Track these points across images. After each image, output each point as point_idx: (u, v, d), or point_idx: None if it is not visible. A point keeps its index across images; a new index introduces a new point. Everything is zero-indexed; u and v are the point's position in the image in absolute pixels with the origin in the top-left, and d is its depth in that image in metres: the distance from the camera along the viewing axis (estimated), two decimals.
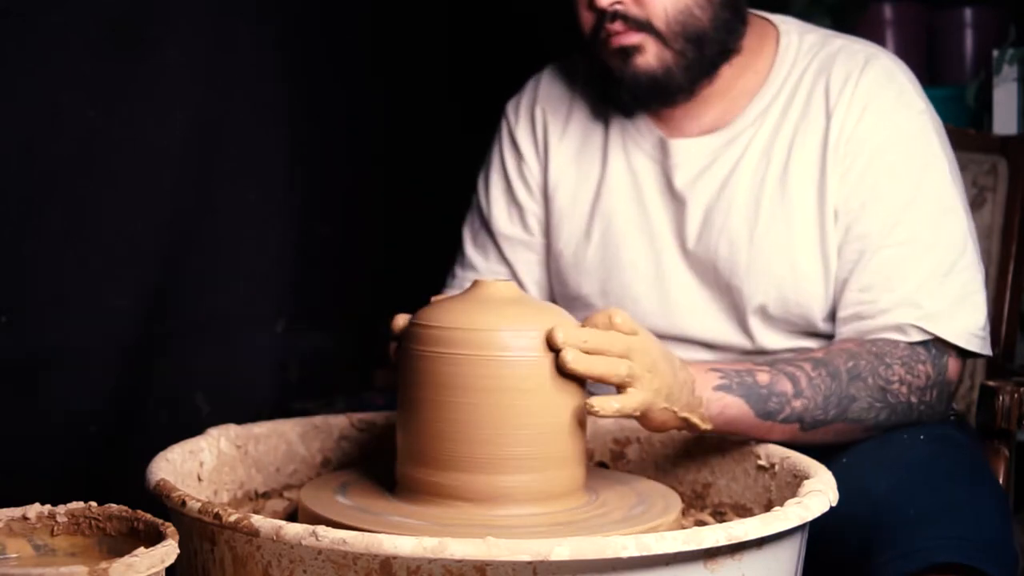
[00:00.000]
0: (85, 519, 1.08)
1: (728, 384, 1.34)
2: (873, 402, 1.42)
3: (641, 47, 1.53)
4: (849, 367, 1.41)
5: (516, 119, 1.75)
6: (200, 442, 1.37)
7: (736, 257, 1.56)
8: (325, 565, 1.04)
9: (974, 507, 1.33)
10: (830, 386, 1.39)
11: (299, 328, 2.37)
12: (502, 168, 1.75)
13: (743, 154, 1.58)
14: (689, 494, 1.45)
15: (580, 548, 1.01)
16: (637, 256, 1.62)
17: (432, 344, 1.24)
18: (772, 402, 1.37)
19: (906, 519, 1.29)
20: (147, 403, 2.07)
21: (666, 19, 1.52)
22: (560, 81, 1.74)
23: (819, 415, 1.39)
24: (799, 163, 1.55)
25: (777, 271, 1.54)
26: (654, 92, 1.56)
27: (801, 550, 1.20)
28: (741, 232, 1.56)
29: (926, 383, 1.47)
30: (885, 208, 1.52)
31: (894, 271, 1.50)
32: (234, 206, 2.18)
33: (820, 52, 1.60)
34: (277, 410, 2.09)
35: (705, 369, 1.35)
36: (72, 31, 1.86)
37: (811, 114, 1.56)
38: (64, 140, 1.88)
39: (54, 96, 1.86)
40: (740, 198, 1.56)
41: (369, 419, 1.53)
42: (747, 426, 1.37)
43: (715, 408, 1.34)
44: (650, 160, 1.63)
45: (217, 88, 2.12)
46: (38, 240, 1.85)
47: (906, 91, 1.56)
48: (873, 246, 1.51)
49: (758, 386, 1.36)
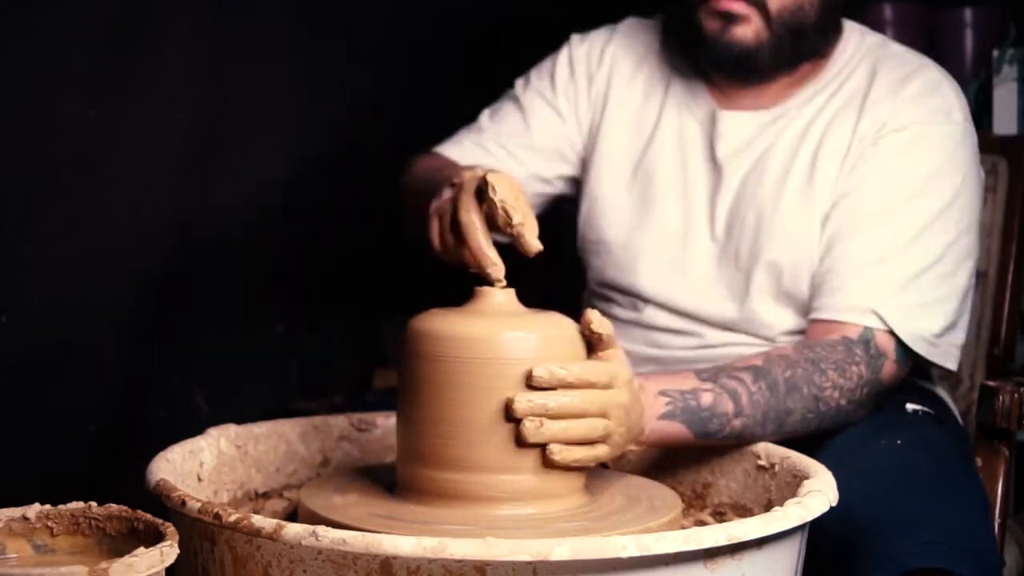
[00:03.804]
0: (85, 519, 1.08)
1: (673, 411, 1.35)
2: (806, 413, 1.43)
3: (746, 18, 1.57)
4: (787, 377, 1.42)
5: (580, 50, 1.78)
6: (200, 442, 1.37)
7: (761, 227, 1.60)
8: (325, 565, 1.04)
9: (951, 512, 1.32)
10: (768, 400, 1.40)
11: (299, 328, 2.37)
12: (551, 80, 1.77)
13: (783, 132, 1.63)
14: (689, 494, 1.45)
15: (580, 548, 1.01)
16: (669, 216, 1.67)
17: (433, 345, 1.24)
18: (713, 424, 1.38)
19: (880, 528, 1.30)
20: (147, 403, 2.07)
21: (781, 3, 1.57)
22: (638, 35, 1.78)
23: (757, 431, 1.41)
24: (828, 149, 1.60)
25: (795, 245, 1.58)
26: (738, 65, 1.61)
27: (801, 550, 1.20)
28: (767, 204, 1.61)
29: (857, 383, 1.48)
30: (871, 200, 1.55)
31: (860, 260, 1.53)
32: (234, 206, 2.18)
33: (875, 53, 1.66)
34: (277, 410, 2.09)
35: (654, 393, 1.34)
36: (72, 31, 1.86)
37: (851, 106, 1.61)
38: (64, 140, 1.88)
39: (54, 96, 1.85)
40: (772, 172, 1.62)
41: (369, 419, 1.53)
42: (683, 444, 1.39)
43: (655, 436, 1.35)
44: (699, 128, 1.68)
45: (217, 88, 2.12)
46: (38, 240, 1.85)
47: (947, 103, 1.59)
48: (846, 232, 1.55)
49: (700, 409, 1.37)
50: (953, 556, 1.26)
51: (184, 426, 1.46)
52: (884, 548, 1.27)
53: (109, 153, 1.94)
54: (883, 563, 1.26)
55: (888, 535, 1.28)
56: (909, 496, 1.34)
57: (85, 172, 1.91)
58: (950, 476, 1.41)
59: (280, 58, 2.25)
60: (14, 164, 1.81)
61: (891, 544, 1.27)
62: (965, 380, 1.93)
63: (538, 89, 1.78)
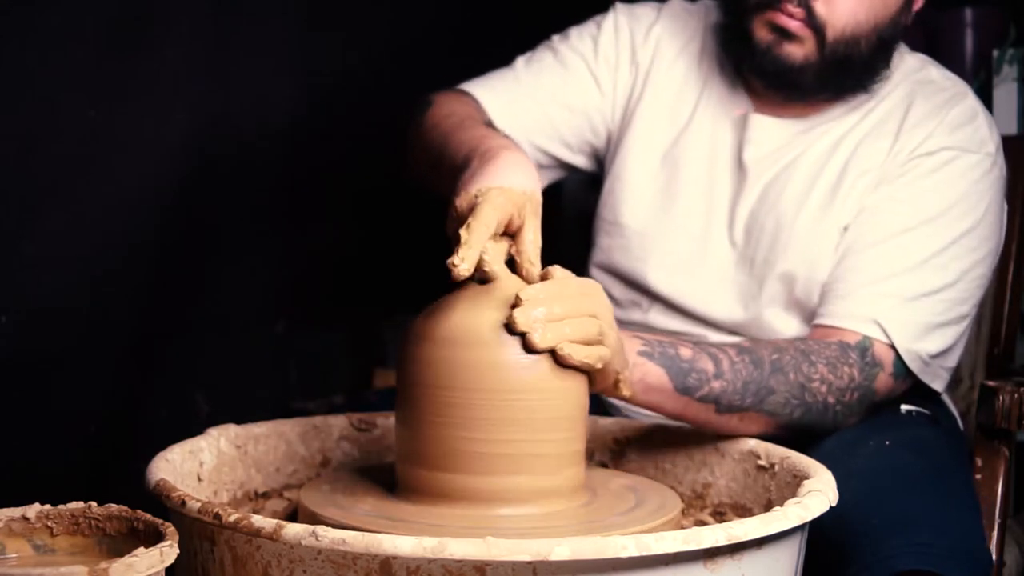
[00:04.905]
0: (85, 519, 1.08)
1: (650, 352, 1.34)
2: (790, 398, 1.42)
3: (801, 40, 1.56)
4: (773, 359, 1.41)
5: (627, 21, 1.75)
6: (200, 442, 1.37)
7: (779, 235, 1.60)
8: (325, 565, 1.04)
9: (942, 514, 1.32)
10: (751, 373, 1.39)
11: (299, 328, 2.37)
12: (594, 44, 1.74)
13: (813, 143, 1.63)
14: (689, 494, 1.45)
15: (580, 548, 1.01)
16: (691, 212, 1.66)
17: (432, 344, 1.24)
18: (692, 377, 1.36)
19: (870, 530, 1.29)
20: (147, 403, 2.07)
21: (839, 32, 1.56)
22: (683, 20, 1.76)
23: (736, 400, 1.39)
24: (857, 165, 1.59)
25: (811, 257, 1.58)
26: (780, 79, 1.60)
27: (801, 550, 1.20)
28: (788, 212, 1.60)
29: (848, 384, 1.46)
30: (891, 217, 1.55)
31: (870, 273, 1.53)
32: (234, 206, 2.18)
33: (914, 76, 1.65)
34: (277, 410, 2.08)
35: (628, 335, 1.34)
36: (72, 31, 1.86)
37: (886, 126, 1.61)
38: (64, 140, 1.88)
39: (54, 96, 1.85)
40: (796, 182, 1.61)
41: (369, 419, 1.53)
42: (664, 397, 1.36)
43: (637, 373, 1.33)
44: (731, 128, 1.67)
45: (217, 88, 2.12)
46: (38, 240, 1.85)
47: (980, 135, 1.59)
48: (860, 246, 1.55)
49: (680, 359, 1.36)
50: (943, 558, 1.26)
51: (184, 426, 1.46)
52: (874, 549, 1.27)
53: (109, 153, 1.94)
54: (873, 564, 1.26)
55: (878, 536, 1.28)
56: (900, 497, 1.34)
57: (85, 172, 1.91)
58: (942, 477, 1.41)
59: (280, 58, 2.25)
60: (14, 164, 1.81)
61: (881, 545, 1.27)
62: (965, 380, 1.93)
63: (579, 50, 1.74)
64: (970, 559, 1.29)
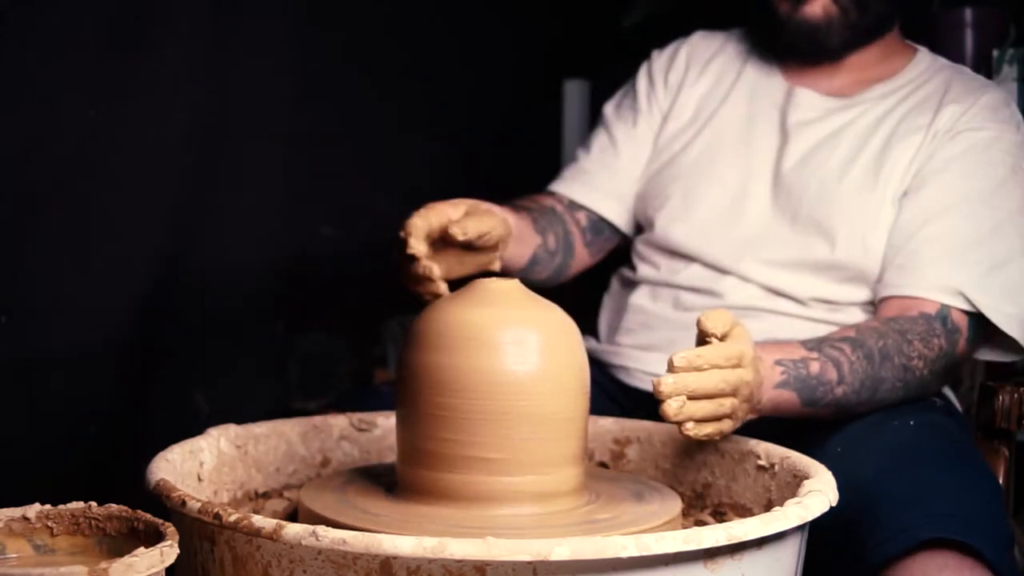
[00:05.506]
0: (85, 519, 1.08)
1: (787, 380, 1.41)
2: (895, 381, 1.49)
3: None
4: (880, 347, 1.48)
5: (658, 57, 1.92)
6: (200, 442, 1.37)
7: (824, 195, 1.67)
8: (325, 565, 1.04)
9: (962, 486, 1.36)
10: (866, 369, 1.47)
11: (299, 328, 2.37)
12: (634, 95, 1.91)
13: (856, 119, 1.72)
14: (689, 494, 1.45)
15: (580, 548, 1.02)
16: (729, 172, 1.76)
17: (432, 345, 1.24)
18: (819, 392, 1.44)
19: (891, 501, 1.33)
20: (147, 403, 2.07)
21: None
22: (709, 39, 1.91)
23: (852, 399, 1.47)
24: (902, 139, 1.67)
25: (856, 219, 1.64)
26: (810, 41, 1.72)
27: (801, 550, 1.20)
28: (834, 175, 1.68)
29: (938, 354, 1.54)
30: (953, 189, 1.62)
31: (944, 245, 1.59)
32: (234, 206, 2.17)
33: (948, 70, 1.76)
34: (277, 410, 2.08)
35: (770, 364, 1.40)
36: (72, 31, 1.85)
37: (926, 106, 1.70)
38: (64, 140, 1.88)
39: (54, 96, 1.85)
40: (842, 148, 1.70)
41: (369, 419, 1.53)
42: (789, 413, 1.44)
43: (770, 405, 1.41)
44: (772, 100, 1.79)
45: (217, 88, 2.11)
46: (38, 240, 1.85)
47: (1013, 117, 1.69)
48: (925, 218, 1.61)
49: (810, 377, 1.43)
50: (966, 527, 1.28)
51: (184, 426, 1.46)
52: (897, 520, 1.30)
53: (109, 153, 1.94)
54: (896, 534, 1.29)
55: (900, 507, 1.31)
56: (922, 471, 1.38)
57: (85, 172, 1.91)
58: (963, 457, 1.46)
59: (280, 58, 2.25)
60: (14, 164, 1.81)
61: (903, 516, 1.30)
62: (965, 380, 1.93)
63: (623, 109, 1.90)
64: (991, 529, 1.30)
